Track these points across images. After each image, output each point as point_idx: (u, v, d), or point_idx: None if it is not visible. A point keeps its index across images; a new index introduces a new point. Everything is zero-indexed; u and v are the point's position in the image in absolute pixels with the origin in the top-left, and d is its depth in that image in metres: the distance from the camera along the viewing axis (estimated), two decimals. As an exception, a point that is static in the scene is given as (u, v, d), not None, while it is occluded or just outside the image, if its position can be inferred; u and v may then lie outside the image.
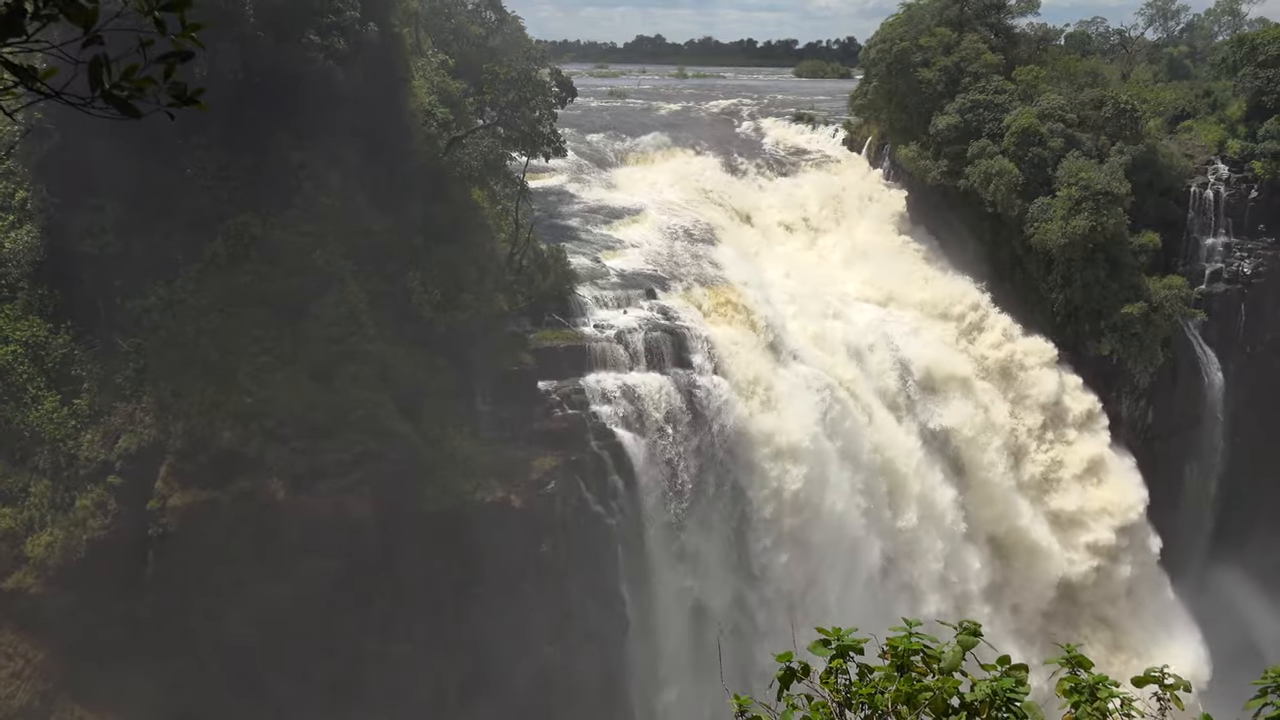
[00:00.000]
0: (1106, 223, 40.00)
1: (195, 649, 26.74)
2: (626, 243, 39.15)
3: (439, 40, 38.96)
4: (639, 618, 31.01)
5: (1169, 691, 5.45)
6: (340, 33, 28.47)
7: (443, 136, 32.46)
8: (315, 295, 28.17)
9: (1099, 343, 41.58)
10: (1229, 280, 44.92)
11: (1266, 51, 46.83)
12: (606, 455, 30.71)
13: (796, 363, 35.41)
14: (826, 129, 53.53)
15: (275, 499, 26.46)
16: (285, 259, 28.02)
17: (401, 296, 29.53)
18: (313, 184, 28.80)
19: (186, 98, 3.25)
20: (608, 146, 48.53)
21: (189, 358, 27.05)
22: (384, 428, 27.58)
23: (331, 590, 27.12)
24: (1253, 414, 44.96)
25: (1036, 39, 49.64)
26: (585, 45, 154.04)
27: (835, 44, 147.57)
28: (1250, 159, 45.96)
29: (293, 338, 27.79)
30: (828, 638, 4.96)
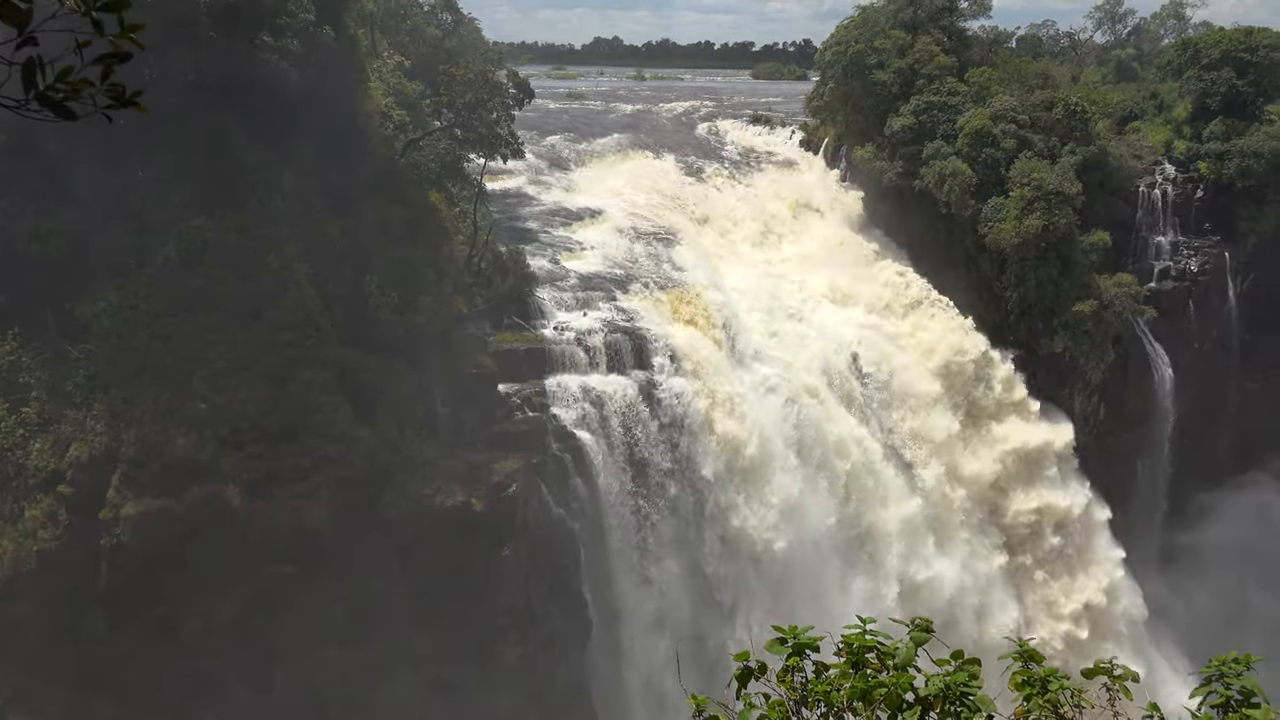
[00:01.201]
0: (1058, 222, 40.70)
1: (151, 660, 26.27)
2: (586, 245, 39.11)
3: (395, 42, 38.68)
4: (601, 620, 30.97)
5: (1118, 682, 5.56)
6: (294, 34, 28.15)
7: (399, 138, 32.23)
8: (271, 299, 27.82)
9: (1052, 340, 42.28)
10: (1177, 278, 45.90)
11: (1210, 55, 47.90)
12: (568, 458, 30.64)
13: (757, 364, 35.60)
14: (784, 130, 53.88)
15: (231, 506, 26.09)
16: (239, 263, 27.64)
17: (358, 300, 29.25)
18: (267, 187, 28.46)
19: (125, 99, 3.19)
20: (566, 148, 48.46)
21: (141, 364, 26.59)
22: (342, 432, 27.30)
23: (290, 598, 26.78)
24: (1201, 408, 45.98)
25: (988, 41, 50.42)
26: (543, 47, 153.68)
27: (792, 46, 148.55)
28: (1196, 159, 47.03)
29: (248, 342, 27.41)
30: (784, 636, 4.99)
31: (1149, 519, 46.34)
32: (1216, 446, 46.74)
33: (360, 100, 30.97)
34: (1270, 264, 47.47)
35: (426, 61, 38.22)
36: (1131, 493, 45.39)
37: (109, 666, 25.75)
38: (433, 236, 32.00)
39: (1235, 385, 48.14)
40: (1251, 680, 5.59)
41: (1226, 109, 47.05)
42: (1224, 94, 47.06)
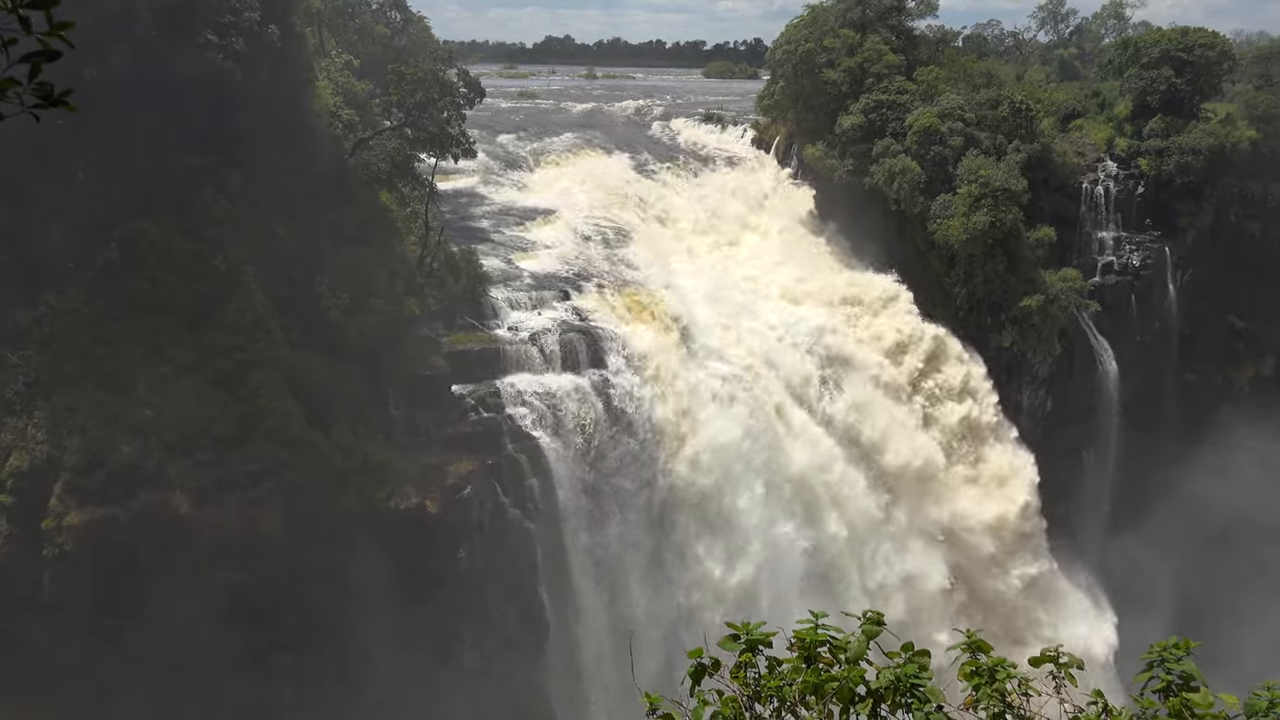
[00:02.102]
0: (1005, 218, 41.33)
1: (99, 672, 25.72)
2: (539, 244, 39.00)
3: (343, 41, 38.24)
4: (559, 620, 30.92)
5: (1063, 670, 5.67)
6: (239, 33, 27.70)
7: (348, 138, 31.88)
8: (218, 302, 27.37)
9: (1000, 335, 42.95)
10: (1119, 272, 46.85)
11: (1149, 54, 48.97)
12: (523, 458, 30.54)
13: (711, 361, 35.74)
14: (736, 129, 54.14)
15: (179, 514, 25.62)
16: (185, 265, 27.15)
17: (309, 302, 28.89)
18: (213, 188, 27.98)
19: (54, 99, 3.11)
20: (519, 148, 48.26)
21: (84, 369, 26.00)
22: (293, 436, 26.94)
23: (242, 605, 26.37)
24: (1143, 400, 47.03)
25: (935, 41, 51.04)
26: (494, 46, 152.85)
27: (743, 45, 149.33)
28: (1137, 156, 48.03)
29: (195, 346, 26.94)
30: (737, 632, 5.02)
31: (1096, 509, 47.29)
32: (1159, 437, 47.81)
33: (308, 99, 30.57)
34: (1208, 258, 48.69)
35: (375, 60, 37.85)
36: (1079, 484, 46.26)
37: (54, 678, 25.16)
38: (384, 237, 31.70)
39: (1175, 377, 49.31)
40: (1190, 665, 5.73)
41: (1165, 107, 48.13)
42: (1163, 92, 48.12)
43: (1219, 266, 48.75)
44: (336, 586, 27.47)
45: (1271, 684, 5.67)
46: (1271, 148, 49.91)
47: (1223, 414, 49.54)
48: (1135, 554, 46.14)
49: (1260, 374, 51.12)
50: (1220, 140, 46.89)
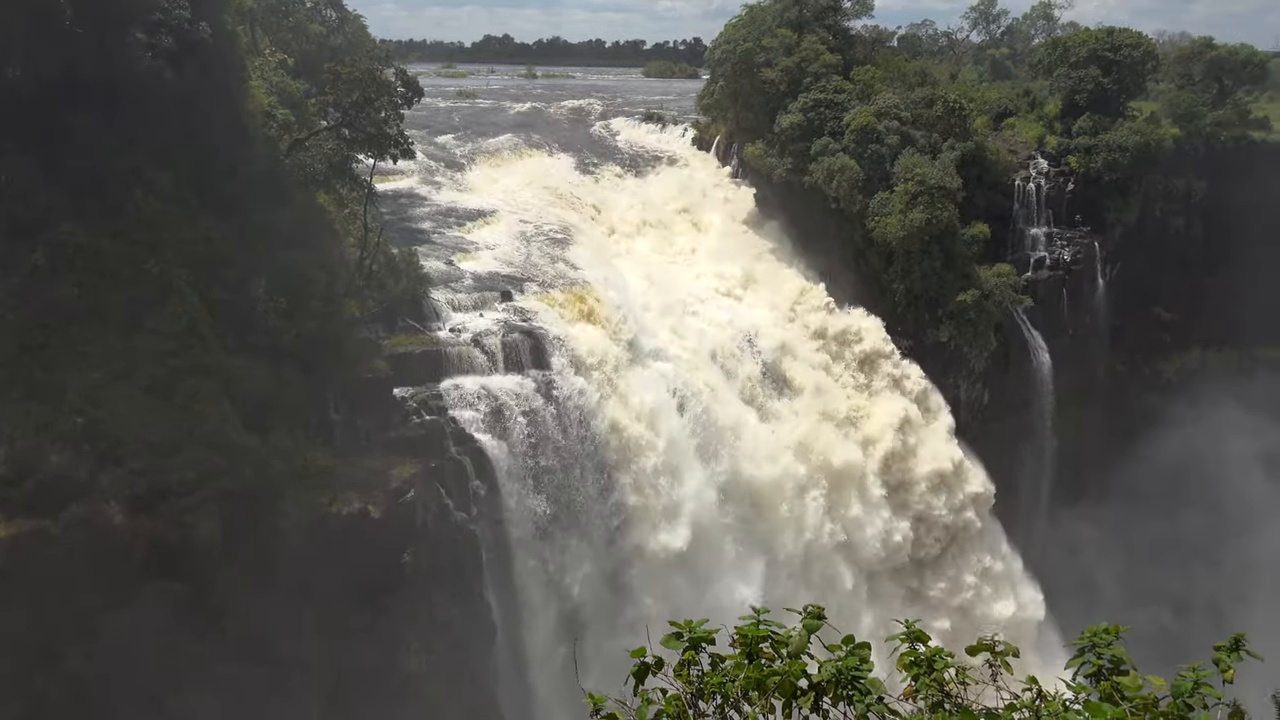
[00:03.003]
0: (941, 215, 42.14)
1: (33, 690, 24.95)
2: (480, 245, 38.77)
3: (277, 39, 37.57)
4: (506, 623, 30.79)
5: (999, 658, 5.83)
6: (169, 31, 27.05)
7: (284, 139, 31.34)
8: (150, 306, 26.68)
9: (938, 330, 43.78)
10: (1052, 267, 48.05)
11: (1077, 54, 50.29)
12: (467, 461, 30.33)
13: (655, 360, 35.86)
14: (676, 128, 54.39)
15: (113, 524, 24.95)
16: (116, 269, 26.43)
17: (245, 306, 28.33)
18: (143, 190, 27.28)
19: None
20: (458, 148, 47.92)
21: (10, 378, 25.19)
22: (230, 443, 26.39)
23: (181, 616, 25.80)
24: (1075, 390, 48.28)
25: (871, 40, 51.84)
26: (431, 45, 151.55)
27: (682, 44, 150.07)
28: (1066, 154, 49.30)
29: (127, 353, 26.25)
30: (680, 630, 5.07)
31: (1034, 500, 48.43)
32: (1091, 428, 49.13)
33: (242, 99, 29.98)
34: (1135, 253, 50.16)
35: (310, 59, 37.27)
36: (1017, 476, 47.33)
37: (-17, 698, 24.36)
38: (321, 239, 31.21)
39: (1106, 369, 50.72)
40: (1120, 649, 5.92)
41: (1093, 105, 49.45)
42: (1091, 91, 49.44)
43: (1146, 261, 50.27)
44: (278, 594, 27.01)
45: (1196, 665, 5.89)
46: (1193, 145, 51.64)
47: (1151, 404, 51.12)
48: (1072, 541, 47.38)
49: (1186, 365, 52.83)
50: (1145, 138, 48.34)
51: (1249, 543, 48.54)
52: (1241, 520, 48.76)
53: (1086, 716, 5.13)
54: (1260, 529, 48.81)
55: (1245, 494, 48.67)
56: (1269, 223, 52.66)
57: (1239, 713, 5.62)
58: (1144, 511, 46.38)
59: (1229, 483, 48.33)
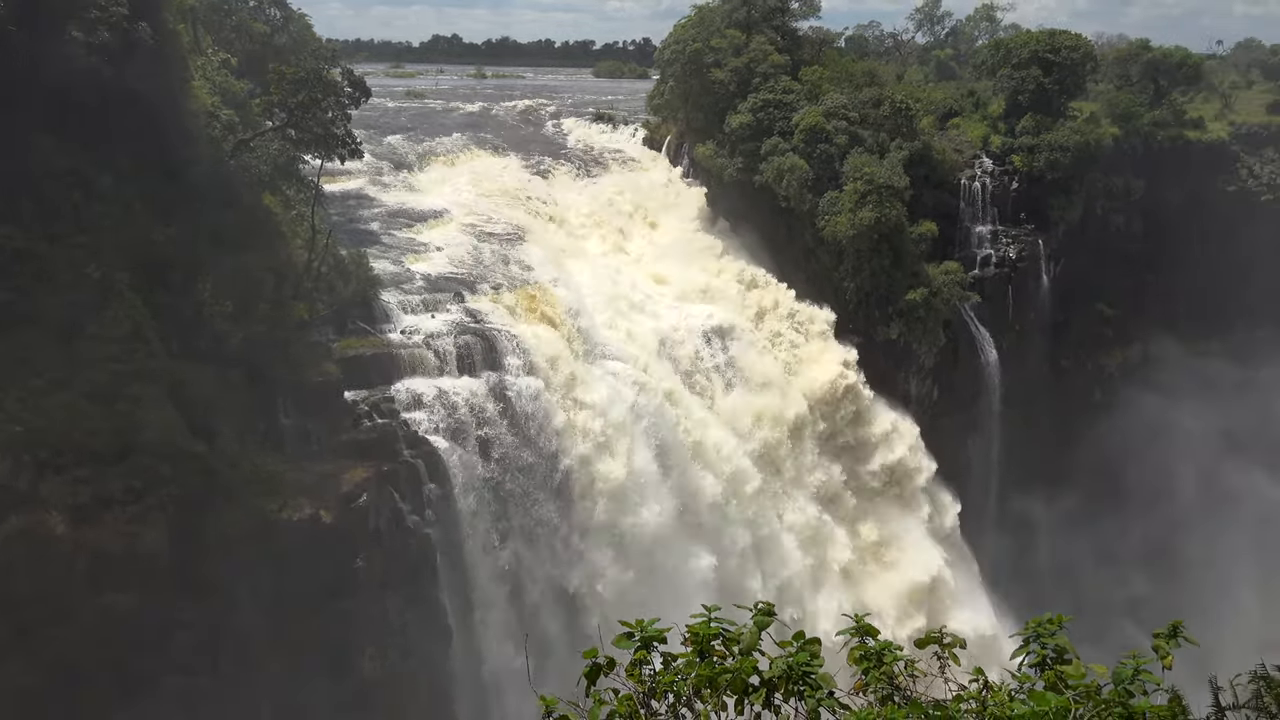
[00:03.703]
0: (889, 214, 42.64)
1: (-31, 707, 24.30)
2: (431, 246, 38.46)
3: (220, 39, 36.95)
4: (462, 626, 30.59)
5: (947, 650, 5.93)
6: (108, 29, 26.48)
7: (228, 139, 30.84)
8: (92, 311, 26.08)
9: (888, 327, 44.31)
10: (998, 265, 48.89)
11: (1019, 55, 51.22)
12: (420, 464, 30.07)
13: (608, 360, 35.87)
14: (627, 128, 54.43)
15: (54, 534, 24.35)
16: (55, 274, 25.80)
17: (190, 309, 27.82)
18: (83, 192, 26.66)
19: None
20: (407, 148, 47.49)
21: (-56, 386, 24.49)
22: (176, 450, 25.89)
23: (126, 628, 25.26)
24: (1022, 385, 49.18)
25: (819, 41, 52.31)
26: (379, 44, 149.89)
27: (632, 45, 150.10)
28: (1010, 153, 50.19)
29: (68, 359, 25.64)
30: (631, 630, 5.08)
31: (983, 493, 49.22)
32: (1038, 421, 50.07)
33: (184, 99, 29.44)
34: (1078, 250, 51.22)
35: (254, 59, 36.72)
36: (966, 469, 48.08)
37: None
38: (268, 241, 30.75)
39: (1051, 364, 51.72)
40: (1063, 639, 6.05)
41: (1035, 105, 50.39)
42: (1033, 91, 50.37)
43: (1088, 258, 51.36)
44: (228, 603, 26.57)
45: (1136, 652, 6.04)
46: (1132, 144, 52.86)
47: (1095, 398, 52.28)
48: (1020, 531, 48.26)
49: (1128, 360, 54.05)
50: (1086, 137, 49.37)
51: (1190, 532, 49.86)
52: (1182, 509, 50.09)
53: (1031, 706, 5.23)
54: (1200, 517, 50.19)
55: (1186, 483, 50.01)
56: (1204, 220, 54.16)
57: (1177, 698, 5.77)
58: (1090, 501, 47.41)
59: (1171, 472, 49.61)
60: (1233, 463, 50.10)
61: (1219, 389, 51.02)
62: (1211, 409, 50.20)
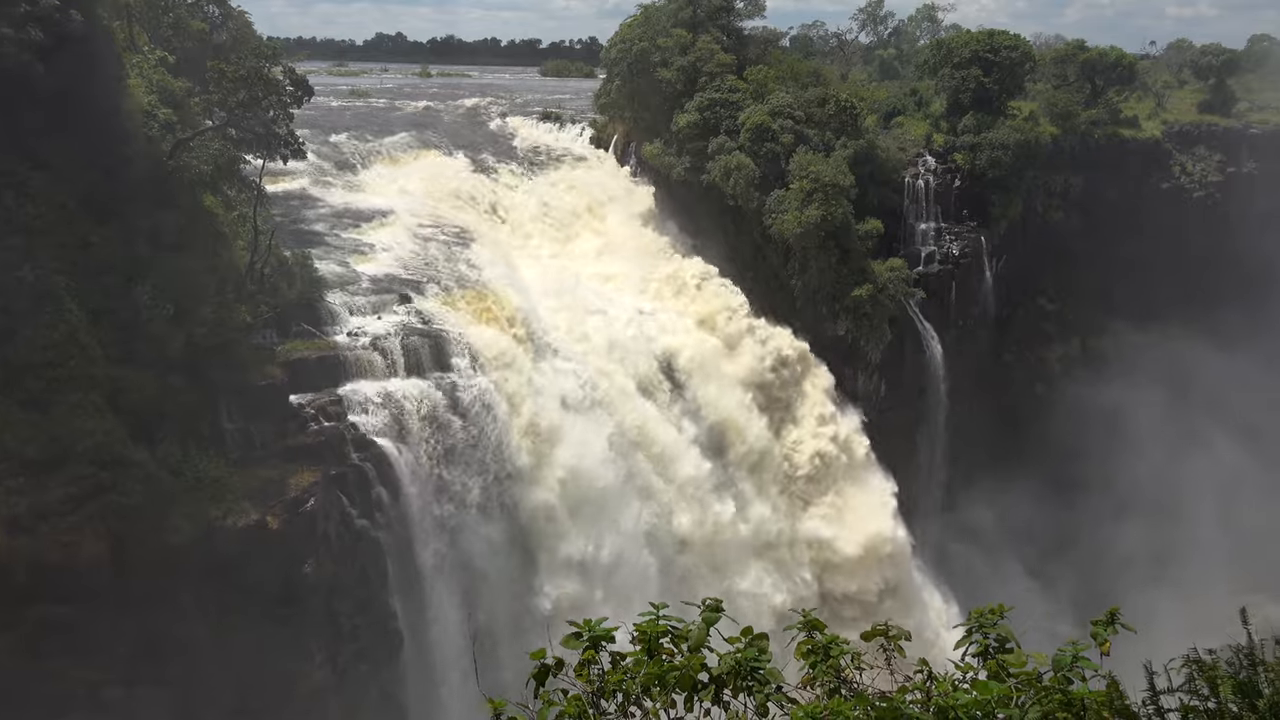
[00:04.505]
0: (835, 212, 43.08)
1: (-100, 725, 23.57)
2: (377, 247, 38.03)
3: (156, 36, 36.14)
4: (413, 630, 30.33)
5: (893, 642, 6.02)
6: (37, 23, 25.78)
7: (166, 139, 30.18)
8: (25, 316, 25.40)
9: (835, 324, 44.80)
10: (941, 261, 49.64)
11: (960, 55, 52.07)
12: (369, 467, 29.76)
13: (558, 359, 35.79)
14: (574, 127, 54.27)
15: (-11, 546, 23.70)
16: (-15, 277, 25.10)
17: (129, 313, 27.19)
18: (15, 193, 25.95)
19: None
20: (352, 148, 46.86)
21: None
22: (116, 457, 25.33)
23: (65, 639, 24.67)
24: (967, 380, 50.05)
25: (764, 41, 52.67)
26: (322, 42, 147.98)
27: (578, 44, 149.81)
28: (953, 151, 50.99)
29: (1, 365, 24.96)
30: (579, 630, 5.09)
31: (930, 486, 50.00)
32: (983, 415, 50.99)
33: (120, 98, 28.74)
34: (1019, 246, 52.25)
35: (193, 57, 35.96)
36: (914, 463, 48.79)
37: None
38: (209, 242, 30.17)
39: (994, 358, 52.69)
40: (1006, 628, 6.18)
41: (976, 104, 51.26)
42: (973, 90, 51.25)
43: (1029, 254, 52.41)
44: (171, 612, 26.06)
45: (1075, 640, 6.19)
46: (1069, 142, 54.00)
47: (1037, 390, 53.38)
48: (967, 523, 49.09)
49: (1069, 354, 55.25)
50: (1025, 136, 50.33)
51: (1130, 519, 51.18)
52: (1123, 497, 51.37)
53: (974, 694, 5.33)
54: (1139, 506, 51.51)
55: (1127, 473, 51.29)
56: (1140, 216, 55.55)
57: (1114, 683, 5.92)
58: (1032, 491, 48.32)
59: (1112, 461, 50.85)
60: (1172, 445, 51.59)
61: (1155, 376, 52.53)
62: (1148, 395, 51.65)
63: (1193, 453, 51.30)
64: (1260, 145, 59.49)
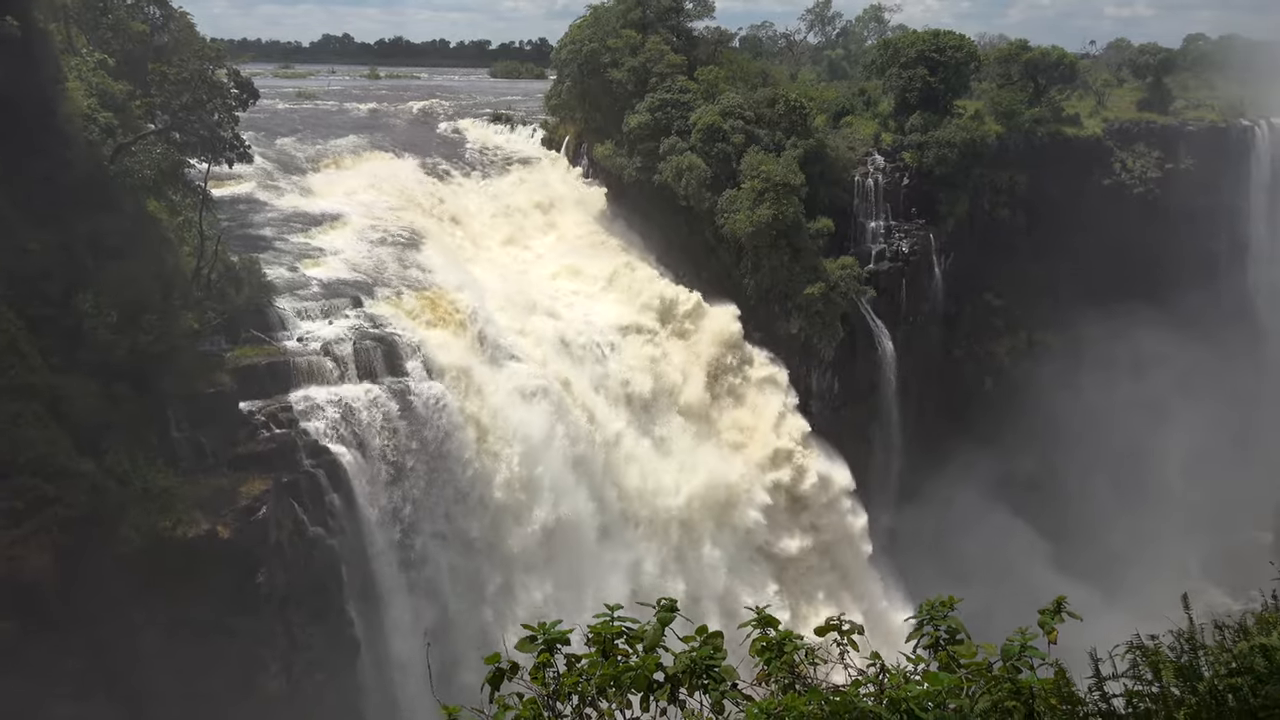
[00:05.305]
0: (786, 211, 43.41)
1: None
2: (327, 250, 37.60)
3: (96, 38, 35.37)
4: (370, 636, 30.03)
5: (846, 636, 6.10)
6: (-31, 27, 25.13)
7: (107, 143, 29.57)
8: (-38, 326, 24.77)
9: (788, 322, 45.13)
10: (891, 259, 50.21)
11: (906, 55, 52.70)
12: (321, 473, 29.40)
13: (511, 362, 35.66)
14: (525, 129, 54.09)
15: (-72, 563, 23.05)
16: (-81, 287, 24.43)
17: (71, 321, 26.59)
18: (-52, 200, 25.29)
19: None
20: (300, 151, 46.29)
21: None
22: (60, 468, 24.76)
23: (10, 656, 24.05)
24: (917, 375, 50.72)
25: (714, 41, 52.90)
26: (267, 44, 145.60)
27: (528, 45, 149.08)
28: (901, 150, 51.60)
29: (-64, 377, 24.31)
30: (534, 634, 5.09)
31: (885, 479, 50.54)
32: (934, 409, 51.70)
33: (58, 101, 28.10)
34: (967, 243, 52.99)
35: (134, 59, 35.26)
36: (868, 459, 49.29)
37: None
38: (154, 248, 29.62)
39: (944, 353, 53.43)
40: (955, 620, 6.28)
41: (923, 104, 51.93)
42: (920, 90, 51.91)
43: (977, 250, 53.16)
44: (121, 625, 25.55)
45: (1024, 629, 6.31)
46: (1014, 140, 54.91)
47: (986, 384, 54.25)
48: (921, 516, 49.71)
49: (1016, 347, 56.16)
50: (971, 134, 51.09)
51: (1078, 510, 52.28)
52: (1069, 488, 52.44)
53: (926, 686, 5.42)
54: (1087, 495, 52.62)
55: (1073, 461, 52.38)
56: (1083, 212, 56.65)
57: (1061, 671, 6.05)
58: (982, 483, 49.07)
59: (1058, 451, 51.88)
60: (1117, 433, 52.81)
61: (1098, 366, 53.74)
62: (1092, 385, 52.81)
63: (1139, 437, 52.63)
64: (1196, 142, 61.01)
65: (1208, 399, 52.88)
